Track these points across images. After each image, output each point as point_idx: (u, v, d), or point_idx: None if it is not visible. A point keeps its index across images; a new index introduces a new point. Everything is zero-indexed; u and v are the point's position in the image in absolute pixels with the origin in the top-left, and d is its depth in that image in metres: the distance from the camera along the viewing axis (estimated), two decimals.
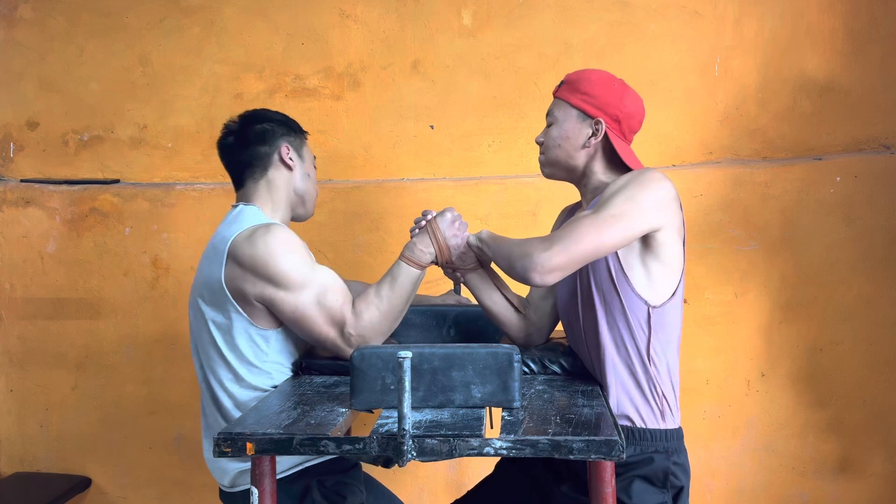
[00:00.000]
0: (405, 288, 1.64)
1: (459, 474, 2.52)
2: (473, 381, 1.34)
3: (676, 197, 1.51)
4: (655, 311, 1.50)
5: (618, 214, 1.44)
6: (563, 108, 1.60)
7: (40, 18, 2.59)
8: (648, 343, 1.51)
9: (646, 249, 1.49)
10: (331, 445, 1.22)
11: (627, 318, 1.50)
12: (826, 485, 2.44)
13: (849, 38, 2.40)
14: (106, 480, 2.61)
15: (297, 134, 1.80)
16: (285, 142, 1.75)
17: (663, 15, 2.44)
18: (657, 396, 1.53)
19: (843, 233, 2.40)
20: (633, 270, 1.49)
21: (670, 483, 1.52)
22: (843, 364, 2.42)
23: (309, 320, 1.59)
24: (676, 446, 1.54)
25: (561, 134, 1.60)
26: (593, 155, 1.60)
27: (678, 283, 1.53)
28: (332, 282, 1.62)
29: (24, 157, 2.62)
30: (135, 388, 2.59)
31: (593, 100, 1.57)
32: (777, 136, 2.43)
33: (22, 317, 2.61)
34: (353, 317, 1.60)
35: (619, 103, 1.57)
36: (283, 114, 1.82)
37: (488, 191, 2.48)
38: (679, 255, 1.52)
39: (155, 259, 2.57)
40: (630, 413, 1.52)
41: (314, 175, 1.83)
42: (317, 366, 1.67)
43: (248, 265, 1.58)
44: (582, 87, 1.58)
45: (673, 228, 1.49)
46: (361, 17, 2.52)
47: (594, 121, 1.57)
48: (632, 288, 1.49)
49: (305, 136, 1.83)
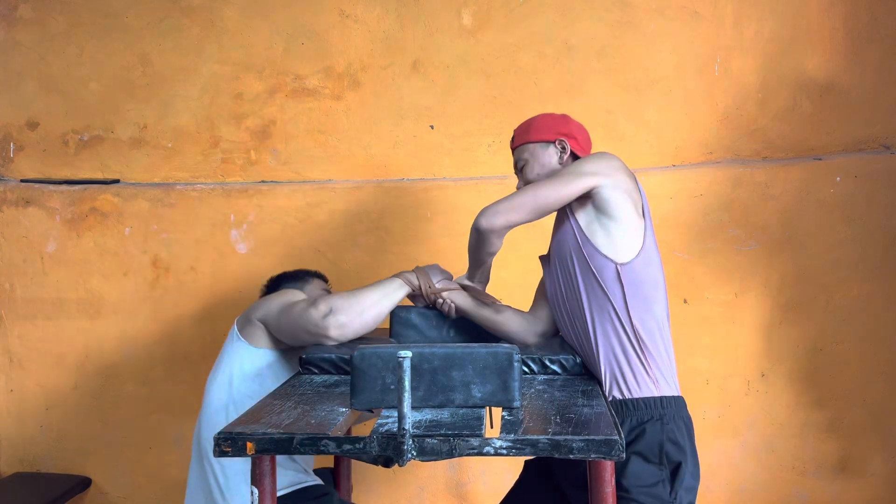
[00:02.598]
0: (380, 286, 1.78)
1: (459, 474, 2.52)
2: (473, 380, 1.34)
3: (622, 167, 1.65)
4: (624, 269, 1.59)
5: (556, 176, 1.64)
6: (526, 149, 1.78)
7: (40, 18, 2.59)
8: (625, 301, 1.59)
9: (598, 211, 1.62)
10: (331, 445, 1.22)
11: (600, 281, 1.60)
12: (826, 485, 2.44)
13: (849, 38, 2.40)
14: (106, 480, 2.61)
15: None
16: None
17: (663, 15, 2.44)
18: (647, 359, 1.57)
19: (843, 233, 2.40)
20: (595, 235, 1.62)
21: (666, 457, 1.53)
22: (843, 364, 2.42)
23: (292, 308, 1.76)
24: (673, 414, 1.56)
25: (536, 166, 1.76)
26: None
27: (642, 241, 1.62)
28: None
29: (24, 157, 2.62)
30: (135, 388, 2.59)
31: (545, 130, 1.77)
32: (777, 136, 2.43)
33: (22, 317, 2.60)
34: (324, 294, 1.84)
35: (566, 126, 1.77)
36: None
37: (488, 191, 2.48)
38: (631, 212, 1.62)
39: (155, 259, 2.57)
40: (625, 380, 1.57)
41: None
42: (317, 360, 1.67)
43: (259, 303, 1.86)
44: (532, 126, 1.79)
45: (615, 187, 1.61)
46: (361, 17, 2.52)
47: (556, 141, 1.75)
48: (597, 249, 1.61)
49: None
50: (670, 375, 1.61)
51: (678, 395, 1.60)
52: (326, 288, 2.02)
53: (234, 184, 2.56)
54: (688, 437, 1.59)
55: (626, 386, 1.57)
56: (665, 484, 1.53)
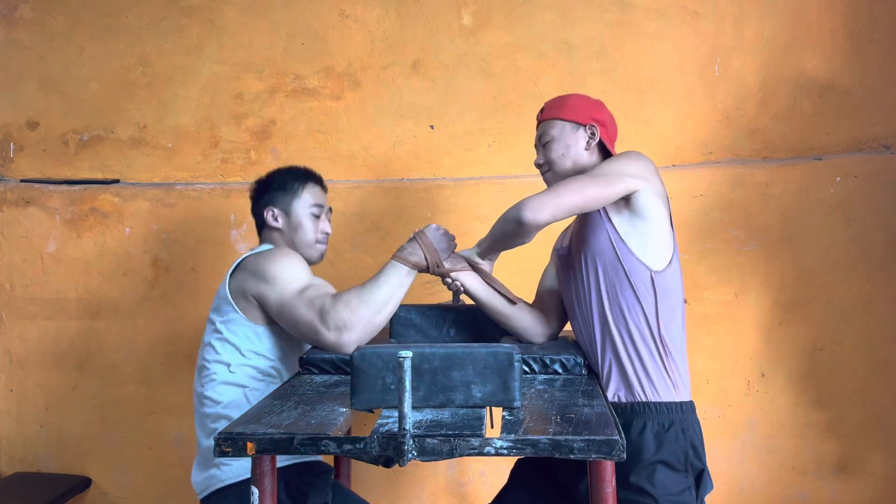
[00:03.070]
0: (388, 280, 1.71)
1: (460, 474, 2.52)
2: (474, 380, 1.34)
3: (655, 170, 1.64)
4: (658, 276, 1.59)
5: (600, 174, 1.59)
6: (555, 125, 1.73)
7: (40, 18, 2.59)
8: (656, 308, 1.59)
9: (634, 214, 1.60)
10: (331, 445, 1.22)
11: (633, 285, 1.59)
12: (826, 485, 2.44)
13: (849, 38, 2.40)
14: (106, 480, 2.61)
15: (287, 191, 1.94)
16: (269, 205, 1.94)
17: (663, 15, 2.44)
18: (669, 364, 1.58)
19: (843, 233, 2.40)
20: (631, 238, 1.60)
21: (691, 464, 1.55)
22: (843, 364, 2.42)
23: (291, 307, 1.71)
24: (691, 420, 1.59)
25: (562, 146, 1.72)
26: (593, 157, 1.73)
27: (672, 248, 1.62)
28: (319, 282, 1.76)
29: (24, 157, 2.61)
30: (135, 388, 2.59)
31: (579, 111, 1.72)
32: (777, 136, 2.43)
33: (22, 317, 2.60)
34: (331, 300, 1.68)
35: (600, 112, 1.74)
36: (287, 170, 1.99)
37: (488, 191, 2.48)
38: (665, 219, 1.62)
39: (155, 259, 2.57)
40: (651, 383, 1.57)
41: (307, 221, 1.93)
42: (317, 361, 1.67)
43: (250, 269, 1.78)
44: (566, 103, 1.74)
45: (653, 192, 1.60)
46: (361, 17, 2.52)
47: (587, 126, 1.71)
48: (632, 253, 1.59)
49: (304, 184, 1.95)
50: (687, 380, 1.63)
51: (691, 400, 1.62)
52: (321, 200, 1.97)
53: (234, 184, 2.56)
54: (702, 443, 1.60)
55: (650, 389, 1.58)
56: (691, 491, 1.55)
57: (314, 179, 2.00)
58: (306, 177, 1.98)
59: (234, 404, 1.76)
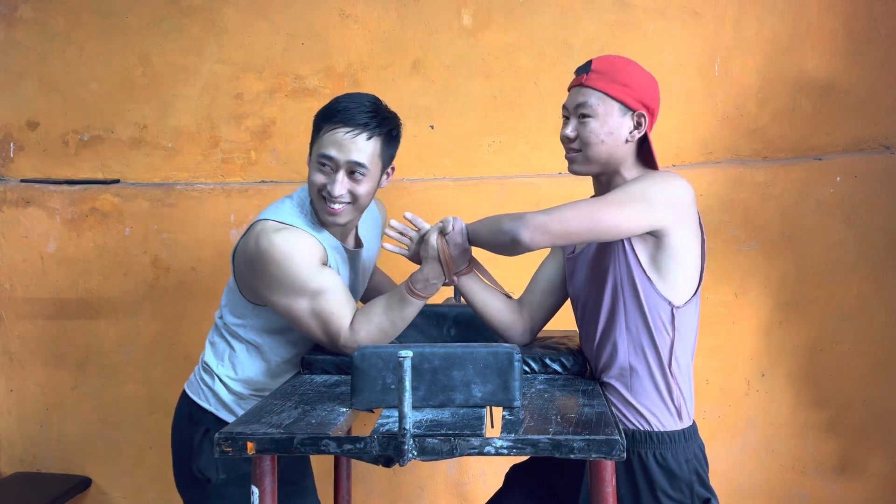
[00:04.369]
0: (410, 316, 1.64)
1: (460, 474, 2.52)
2: (474, 380, 1.34)
3: (693, 201, 1.48)
4: (679, 311, 1.49)
5: (623, 201, 1.42)
6: (602, 99, 1.49)
7: (40, 18, 2.59)
8: (672, 344, 1.49)
9: (660, 250, 1.46)
10: (331, 445, 1.22)
11: (650, 321, 1.48)
12: (826, 485, 2.44)
13: (849, 38, 2.40)
14: (106, 480, 2.61)
15: (314, 132, 1.67)
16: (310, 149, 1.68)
17: (663, 15, 2.44)
18: (676, 396, 1.52)
19: (843, 233, 2.40)
20: (655, 270, 1.47)
21: (697, 496, 1.50)
22: (843, 364, 2.42)
23: (302, 325, 1.62)
24: (693, 446, 1.53)
25: (603, 129, 1.49)
26: (631, 150, 1.54)
27: (698, 280, 1.51)
28: (331, 290, 1.59)
29: (24, 157, 2.62)
30: (135, 388, 2.59)
31: (633, 91, 1.49)
32: (777, 136, 2.43)
33: (22, 317, 2.60)
34: (349, 332, 1.60)
35: (655, 95, 1.52)
36: (330, 103, 1.67)
37: (488, 191, 2.48)
38: (696, 254, 1.50)
39: (155, 259, 2.57)
40: (646, 416, 1.51)
41: (313, 173, 1.65)
42: (318, 361, 1.67)
43: (251, 256, 1.61)
44: (619, 76, 1.49)
45: (688, 228, 1.46)
46: (361, 17, 2.52)
47: (636, 113, 1.50)
48: (654, 287, 1.47)
49: (327, 126, 1.63)
50: (691, 404, 1.56)
51: (694, 423, 1.56)
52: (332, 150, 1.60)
53: (234, 184, 2.56)
54: (706, 469, 1.55)
55: (652, 418, 1.51)
56: None
57: (335, 119, 1.62)
58: (335, 118, 1.62)
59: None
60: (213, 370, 1.77)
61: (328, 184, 1.62)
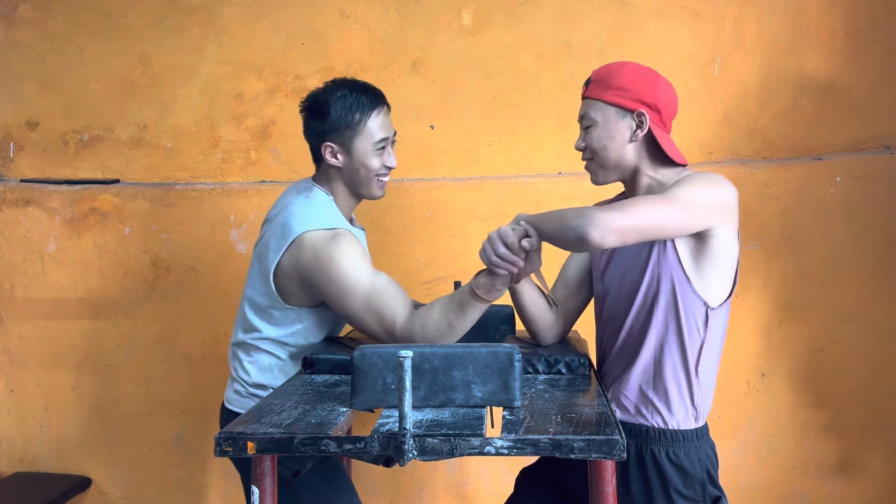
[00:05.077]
0: (472, 318, 1.61)
1: (460, 474, 2.52)
2: (474, 380, 1.34)
3: (737, 204, 1.49)
4: (713, 313, 1.49)
5: (686, 201, 1.42)
6: (598, 107, 1.54)
7: (40, 18, 2.59)
8: (701, 348, 1.50)
9: (703, 250, 1.47)
10: (332, 445, 1.22)
11: (682, 321, 1.48)
12: (826, 485, 2.44)
13: (849, 38, 2.40)
14: (106, 480, 2.61)
15: (347, 125, 1.69)
16: (328, 141, 1.71)
17: (663, 15, 2.44)
18: (696, 400, 1.52)
19: (843, 233, 2.40)
20: (694, 269, 1.47)
21: (708, 494, 1.51)
22: (843, 364, 2.42)
23: (359, 321, 1.65)
24: (705, 445, 1.54)
25: (604, 134, 1.53)
26: (642, 149, 1.54)
27: (733, 281, 1.52)
28: (386, 287, 1.64)
29: (24, 157, 2.61)
30: (135, 388, 2.59)
31: (628, 92, 1.51)
32: (777, 136, 2.44)
33: (22, 317, 2.60)
34: (405, 322, 1.61)
35: (655, 91, 1.52)
36: (347, 93, 1.70)
37: (488, 191, 2.48)
38: (736, 258, 1.51)
39: (155, 259, 2.57)
40: (663, 413, 1.52)
41: (373, 160, 1.71)
42: (320, 361, 1.67)
43: (307, 269, 1.65)
44: (613, 81, 1.52)
45: (731, 230, 1.48)
46: (361, 17, 2.52)
47: (635, 113, 1.51)
48: (692, 287, 1.47)
49: (368, 114, 1.69)
50: (709, 404, 1.56)
51: (706, 423, 1.57)
52: (387, 131, 1.72)
53: (234, 184, 2.56)
54: (717, 468, 1.56)
55: (669, 417, 1.52)
56: None
57: (378, 104, 1.72)
58: (371, 104, 1.70)
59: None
60: (264, 384, 1.78)
61: (386, 162, 1.74)
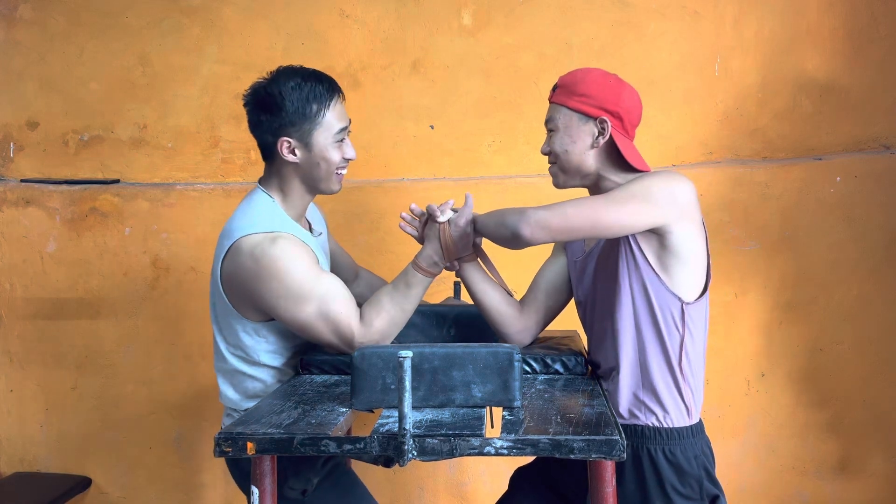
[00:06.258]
0: (418, 296, 1.64)
1: (459, 474, 2.52)
2: (474, 380, 1.34)
3: (695, 198, 1.50)
4: (689, 308, 1.50)
5: (624, 199, 1.44)
6: (562, 112, 1.57)
7: (40, 18, 2.59)
8: (682, 340, 1.51)
9: (665, 249, 1.48)
10: (331, 445, 1.22)
11: (657, 318, 1.50)
12: (826, 485, 2.44)
13: (849, 38, 2.40)
14: (106, 480, 2.61)
15: (305, 118, 1.61)
16: (285, 136, 1.61)
17: (663, 15, 2.44)
18: (685, 395, 1.54)
19: (843, 233, 2.40)
20: (662, 267, 1.49)
21: (705, 491, 1.51)
22: (843, 364, 2.42)
23: (313, 331, 1.58)
24: (701, 442, 1.55)
25: (566, 139, 1.56)
26: (603, 155, 1.56)
27: (705, 276, 1.53)
28: (336, 292, 1.57)
29: (24, 157, 2.61)
30: (135, 388, 2.59)
31: (591, 99, 1.54)
32: (777, 136, 2.44)
33: (22, 317, 2.60)
34: (361, 327, 1.58)
35: (618, 99, 1.54)
36: (301, 83, 1.62)
37: (488, 191, 2.48)
38: (702, 252, 1.51)
39: (155, 259, 2.57)
40: (656, 412, 1.52)
41: (333, 152, 1.64)
42: (317, 362, 1.67)
43: (248, 276, 1.56)
44: (578, 88, 1.55)
45: (690, 225, 1.48)
46: (361, 17, 2.52)
47: (597, 120, 1.53)
48: (663, 285, 1.49)
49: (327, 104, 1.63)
50: (700, 400, 1.58)
51: (700, 420, 1.58)
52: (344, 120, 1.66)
53: (234, 184, 2.56)
54: (713, 465, 1.56)
55: (662, 415, 1.52)
56: None
57: (335, 93, 1.65)
58: (328, 93, 1.63)
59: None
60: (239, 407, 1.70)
61: (346, 153, 1.67)
